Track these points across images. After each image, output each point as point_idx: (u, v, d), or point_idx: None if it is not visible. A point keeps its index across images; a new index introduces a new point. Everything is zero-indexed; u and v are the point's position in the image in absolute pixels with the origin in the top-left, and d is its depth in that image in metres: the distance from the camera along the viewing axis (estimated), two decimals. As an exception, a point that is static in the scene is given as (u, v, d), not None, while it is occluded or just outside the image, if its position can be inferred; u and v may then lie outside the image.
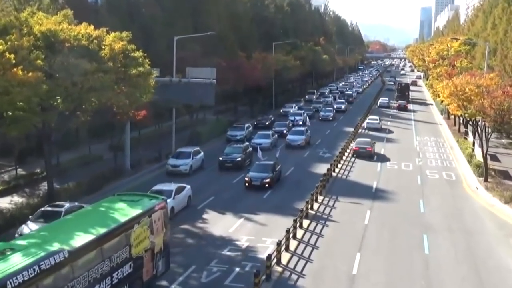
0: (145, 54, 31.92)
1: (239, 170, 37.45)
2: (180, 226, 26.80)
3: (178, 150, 39.31)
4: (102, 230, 17.05)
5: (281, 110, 69.49)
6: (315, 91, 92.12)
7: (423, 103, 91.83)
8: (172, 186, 28.94)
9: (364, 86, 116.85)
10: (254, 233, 26.11)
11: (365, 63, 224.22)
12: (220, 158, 38.36)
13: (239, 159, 38.51)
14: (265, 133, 48.25)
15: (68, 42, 27.29)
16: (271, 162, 35.30)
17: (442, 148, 50.41)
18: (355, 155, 44.63)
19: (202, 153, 39.32)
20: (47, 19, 28.02)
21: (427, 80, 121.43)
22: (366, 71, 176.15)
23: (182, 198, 29.20)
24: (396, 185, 36.21)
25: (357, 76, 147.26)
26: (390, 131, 60.33)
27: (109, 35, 30.10)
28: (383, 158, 44.66)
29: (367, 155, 44.40)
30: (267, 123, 57.31)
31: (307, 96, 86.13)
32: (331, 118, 65.36)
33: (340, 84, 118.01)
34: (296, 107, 71.05)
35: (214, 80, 39.85)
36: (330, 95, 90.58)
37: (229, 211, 29.31)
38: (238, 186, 34.32)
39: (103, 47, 29.22)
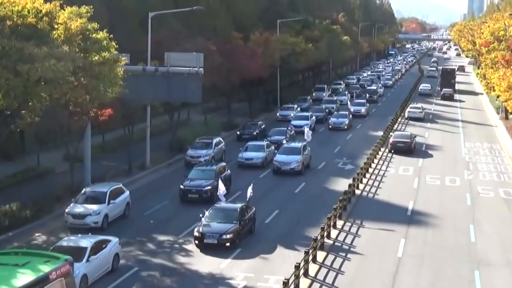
0: (111, 36, 31.88)
1: (208, 202, 33.08)
2: (153, 259, 26.60)
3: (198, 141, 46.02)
4: None
5: (277, 114, 67.42)
6: (325, 86, 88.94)
7: (473, 99, 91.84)
8: (88, 241, 24.62)
9: (396, 78, 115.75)
10: (253, 269, 25.96)
11: (397, 47, 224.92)
12: (182, 186, 35.42)
13: (209, 187, 35.15)
14: (258, 144, 46.44)
15: (10, 19, 27.22)
16: (237, 206, 29.96)
17: (499, 158, 50.46)
18: (392, 151, 49.69)
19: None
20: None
21: (478, 68, 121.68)
22: (399, 57, 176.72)
23: (103, 261, 24.68)
24: (438, 206, 36.12)
25: (387, 63, 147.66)
26: (430, 132, 60.45)
27: (64, 10, 30.06)
28: (421, 171, 44.65)
29: (407, 150, 49.47)
30: (254, 132, 54.17)
31: (314, 94, 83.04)
32: (345, 127, 61.47)
33: (364, 75, 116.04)
34: (299, 108, 68.44)
35: (201, 69, 39.81)
36: (347, 92, 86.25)
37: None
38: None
39: (56, 26, 29.17)
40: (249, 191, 31.05)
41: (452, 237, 30.75)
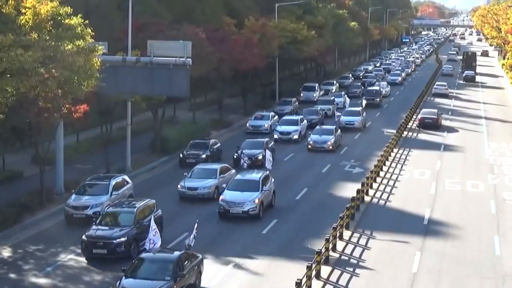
0: (86, 22, 31.88)
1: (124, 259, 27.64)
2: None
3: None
4: None
5: (247, 124, 59.25)
6: (316, 85, 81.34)
7: (497, 94, 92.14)
8: None
9: (408, 71, 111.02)
10: (248, 286, 25.98)
11: (412, 34, 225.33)
12: (84, 237, 28.33)
13: (123, 239, 28.20)
14: (208, 168, 39.81)
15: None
16: (172, 257, 24.78)
17: (527, 160, 50.64)
18: (420, 127, 61.02)
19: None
20: None
21: (503, 58, 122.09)
22: (414, 46, 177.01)
23: None
24: (458, 214, 36.15)
25: (400, 53, 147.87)
26: (450, 131, 60.77)
27: (33, -8, 30.03)
28: (439, 174, 44.76)
29: (434, 125, 61.24)
30: (203, 155, 45.16)
31: (302, 94, 77.52)
32: (330, 147, 51.10)
33: (369, 69, 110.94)
34: (276, 117, 61.09)
35: (189, 59, 39.82)
36: (343, 93, 79.04)
37: (211, 253, 29.21)
38: (222, 216, 34.30)
39: (24, 11, 29.14)
40: (192, 235, 26.00)
41: (475, 249, 30.71)
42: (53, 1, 30.20)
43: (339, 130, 54.21)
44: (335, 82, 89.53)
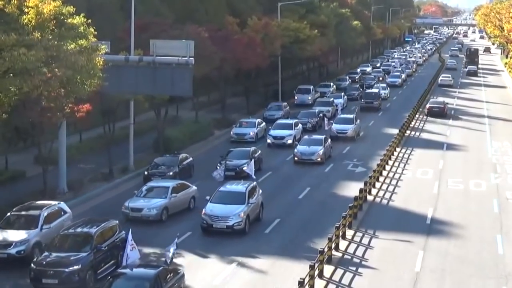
0: (89, 21, 31.90)
1: None
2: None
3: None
4: None
5: (231, 132, 54.67)
6: (311, 87, 77.27)
7: (500, 93, 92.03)
8: None
9: (408, 72, 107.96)
10: (251, 285, 26.00)
11: (415, 33, 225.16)
12: (33, 265, 25.18)
13: (77, 267, 24.93)
14: (159, 185, 35.75)
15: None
16: (150, 274, 23.29)
17: (530, 159, 50.63)
18: (428, 115, 68.23)
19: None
20: None
21: (506, 57, 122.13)
22: (417, 45, 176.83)
23: None
24: (461, 213, 36.12)
25: (403, 52, 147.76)
26: (453, 129, 60.58)
27: (35, -8, 30.06)
28: (442, 173, 44.73)
29: (441, 114, 68.40)
30: (170, 172, 40.56)
31: (296, 97, 74.04)
32: (319, 159, 46.54)
33: (367, 70, 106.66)
34: (263, 124, 56.71)
35: (192, 58, 39.82)
36: (343, 93, 76.69)
37: (214, 253, 29.24)
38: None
39: (26, 10, 29.17)
40: (172, 249, 25.48)
41: (477, 249, 30.69)
42: (56, 1, 30.25)
43: (329, 140, 49.40)
44: (332, 84, 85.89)
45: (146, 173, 40.68)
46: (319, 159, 46.39)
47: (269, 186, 40.59)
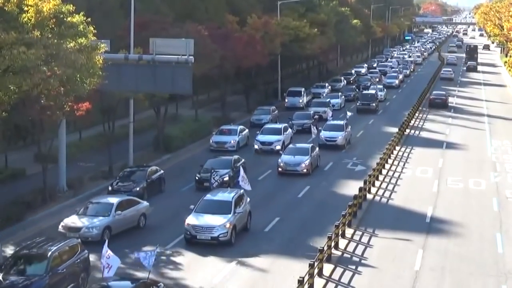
0: (89, 19, 31.86)
1: None
2: (138, 274, 26.65)
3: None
4: None
5: (211, 140, 50.79)
6: (302, 90, 72.22)
7: (500, 92, 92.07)
8: None
9: (406, 72, 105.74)
10: (251, 284, 26.01)
11: (414, 32, 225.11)
12: None
13: None
14: (102, 202, 32.62)
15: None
16: None
17: (530, 157, 50.67)
18: (431, 106, 72.38)
19: None
20: None
21: (506, 56, 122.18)
22: (417, 43, 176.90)
23: None
24: (461, 212, 36.14)
25: (402, 51, 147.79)
26: (453, 127, 60.56)
27: (35, -10, 30.02)
28: (442, 172, 44.74)
29: (442, 105, 72.37)
30: (137, 187, 36.78)
31: (286, 100, 70.12)
32: (305, 170, 42.98)
33: (361, 71, 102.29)
34: (246, 131, 52.60)
35: (191, 57, 39.79)
36: (340, 93, 75.17)
37: (213, 252, 29.23)
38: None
39: (26, 9, 29.12)
40: (151, 258, 22.89)
41: (477, 247, 30.72)
42: (56, -1, 30.20)
43: (316, 149, 45.62)
44: (327, 84, 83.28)
45: (110, 188, 36.88)
46: (305, 170, 42.79)
47: (269, 183, 40.63)
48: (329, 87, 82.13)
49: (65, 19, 30.60)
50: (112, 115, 43.14)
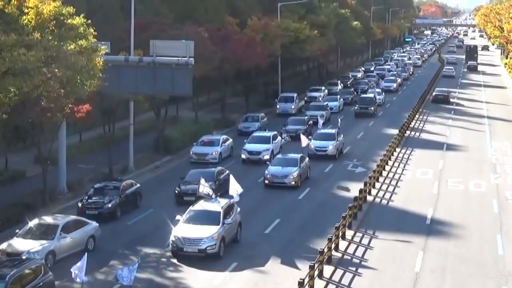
0: (89, 21, 31.90)
1: None
2: (138, 275, 26.67)
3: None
4: None
5: (191, 152, 47.09)
6: (294, 95, 70.27)
7: (500, 93, 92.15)
8: None
9: (405, 76, 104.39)
10: (251, 285, 26.03)
11: (415, 33, 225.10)
12: None
13: None
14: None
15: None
16: None
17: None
18: (434, 102, 77.43)
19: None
20: None
21: (506, 58, 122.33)
22: (417, 45, 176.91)
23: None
24: (461, 214, 36.15)
25: (402, 53, 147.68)
26: (453, 129, 60.62)
27: (35, -8, 30.05)
28: (442, 174, 44.75)
29: (445, 100, 78.20)
30: (109, 204, 34.12)
31: (278, 106, 67.99)
32: (293, 183, 40.59)
33: (357, 76, 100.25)
34: (230, 141, 49.47)
35: (191, 58, 39.79)
36: (339, 96, 74.31)
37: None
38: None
39: (26, 11, 29.17)
40: (131, 273, 22.56)
41: (477, 249, 30.72)
42: (56, 1, 30.23)
43: (306, 159, 43.15)
44: (323, 88, 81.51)
45: (80, 204, 34.04)
46: (293, 183, 40.23)
47: (269, 187, 40.58)
48: (326, 90, 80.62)
49: (65, 21, 30.66)
50: (112, 117, 43.15)
